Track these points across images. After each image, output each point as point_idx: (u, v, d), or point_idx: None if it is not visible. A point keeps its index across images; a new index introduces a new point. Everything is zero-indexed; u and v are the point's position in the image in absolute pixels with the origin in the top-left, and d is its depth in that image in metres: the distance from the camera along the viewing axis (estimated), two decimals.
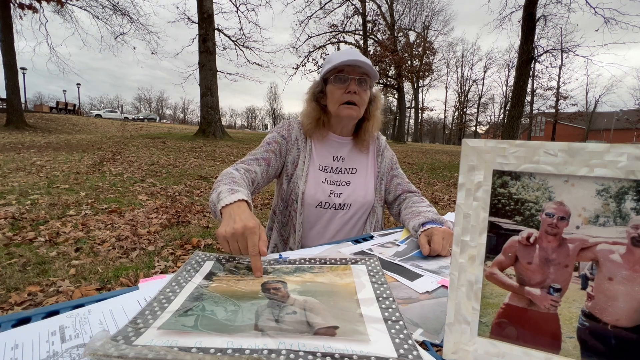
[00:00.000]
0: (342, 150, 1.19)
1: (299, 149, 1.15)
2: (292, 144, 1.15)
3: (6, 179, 4.57)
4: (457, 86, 51.52)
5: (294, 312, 0.53)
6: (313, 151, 1.16)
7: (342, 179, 1.16)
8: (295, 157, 1.15)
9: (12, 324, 0.50)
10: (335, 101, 1.09)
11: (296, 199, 1.11)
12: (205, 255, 0.73)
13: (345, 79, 1.06)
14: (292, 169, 1.14)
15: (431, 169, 9.28)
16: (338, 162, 1.17)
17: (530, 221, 0.42)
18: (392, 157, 1.29)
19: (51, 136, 11.26)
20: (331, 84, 1.09)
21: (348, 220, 1.16)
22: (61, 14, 15.05)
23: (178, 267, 2.33)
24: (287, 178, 1.14)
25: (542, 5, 13.88)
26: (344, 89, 1.07)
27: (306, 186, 1.11)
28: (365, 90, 1.10)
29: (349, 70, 1.07)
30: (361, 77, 1.07)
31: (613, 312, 0.39)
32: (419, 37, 31.27)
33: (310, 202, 1.11)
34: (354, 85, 1.06)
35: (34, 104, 34.46)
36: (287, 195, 1.15)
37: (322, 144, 1.18)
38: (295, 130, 1.17)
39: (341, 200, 1.14)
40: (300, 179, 1.11)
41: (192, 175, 5.87)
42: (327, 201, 1.12)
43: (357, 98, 1.07)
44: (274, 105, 74.23)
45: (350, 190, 1.15)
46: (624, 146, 0.38)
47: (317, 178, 1.13)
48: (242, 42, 16.03)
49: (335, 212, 1.14)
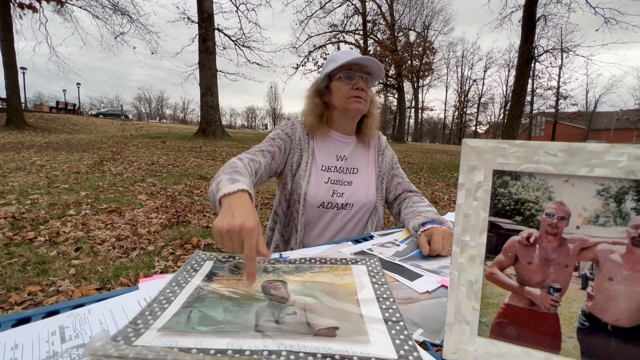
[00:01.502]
0: (345, 149, 1.19)
1: (302, 149, 1.16)
2: (295, 144, 1.16)
3: (6, 179, 4.57)
4: (457, 86, 51.56)
5: (294, 312, 0.53)
6: (315, 151, 1.16)
7: (344, 178, 1.16)
8: (298, 157, 1.15)
9: (12, 324, 0.50)
10: (343, 96, 1.11)
11: (298, 199, 1.11)
12: (205, 255, 0.73)
13: (354, 77, 1.10)
14: (295, 169, 1.14)
15: (431, 168, 9.27)
16: (341, 161, 1.18)
17: (530, 221, 0.42)
18: (393, 156, 1.29)
19: (51, 136, 11.26)
20: (338, 81, 1.12)
21: (350, 220, 1.16)
22: (61, 13, 15.04)
23: (178, 267, 2.33)
24: (291, 178, 1.14)
25: (542, 5, 13.88)
26: (351, 85, 1.10)
27: (309, 186, 1.11)
28: (370, 88, 1.14)
29: (356, 68, 1.10)
30: (367, 75, 1.11)
31: (613, 312, 0.39)
32: (419, 37, 31.25)
33: (312, 202, 1.11)
34: (361, 82, 1.10)
35: (34, 104, 34.44)
36: (289, 196, 1.15)
37: (325, 143, 1.18)
38: (298, 131, 1.18)
39: (344, 200, 1.14)
40: (302, 179, 1.12)
41: (192, 175, 5.87)
42: (329, 201, 1.13)
43: (363, 94, 1.11)
44: (274, 105, 74.28)
45: (352, 190, 1.15)
46: (624, 146, 0.38)
47: (320, 178, 1.13)
48: (242, 42, 16.02)
49: (338, 212, 1.14)
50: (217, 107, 12.91)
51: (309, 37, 23.40)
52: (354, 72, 1.10)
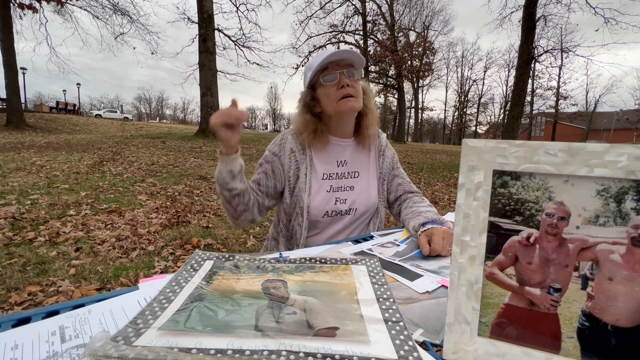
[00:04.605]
0: (344, 153, 1.16)
1: (298, 161, 1.11)
2: (285, 158, 1.11)
3: (6, 179, 4.57)
4: (457, 86, 51.50)
5: (294, 312, 0.53)
6: (314, 161, 1.12)
7: (346, 184, 1.13)
8: (295, 170, 1.10)
9: (12, 324, 0.50)
10: (332, 101, 1.05)
11: (301, 212, 1.08)
12: (205, 255, 0.73)
13: (334, 76, 1.03)
14: (293, 182, 1.10)
15: (431, 169, 9.27)
16: (341, 166, 1.14)
17: (530, 221, 0.42)
18: (393, 156, 1.27)
19: (51, 136, 11.25)
20: (321, 87, 1.06)
21: (352, 223, 1.15)
22: (61, 14, 15.03)
23: (178, 267, 2.33)
24: (290, 192, 1.11)
25: (542, 5, 13.86)
26: (335, 85, 1.03)
27: (311, 199, 1.08)
28: (356, 80, 1.07)
29: (334, 66, 1.04)
30: (347, 69, 1.04)
31: (613, 312, 0.39)
32: (419, 37, 31.27)
33: (316, 213, 1.09)
34: (344, 78, 1.03)
35: (34, 104, 34.40)
36: (291, 209, 1.12)
37: (324, 150, 1.14)
38: (289, 142, 1.12)
39: (347, 206, 1.12)
40: (304, 192, 1.08)
41: (192, 175, 5.87)
42: (333, 209, 1.11)
43: (352, 90, 1.03)
44: (274, 106, 74.29)
45: (355, 195, 1.13)
46: (624, 146, 0.38)
47: (322, 188, 1.10)
48: (242, 42, 16.01)
49: (341, 218, 1.13)
50: (217, 108, 12.89)
51: (309, 38, 23.42)
52: (332, 71, 1.03)
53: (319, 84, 1.06)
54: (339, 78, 1.03)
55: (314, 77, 1.07)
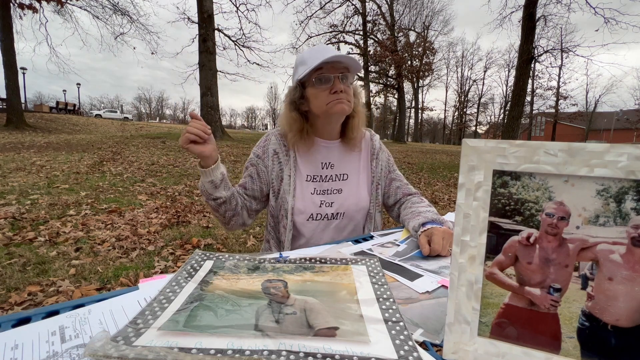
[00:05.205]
0: (330, 155, 1.12)
1: (281, 162, 1.09)
2: (269, 159, 1.09)
3: (6, 179, 4.57)
4: (457, 86, 51.46)
5: (294, 312, 0.53)
6: (298, 162, 1.10)
7: (332, 186, 1.11)
8: (278, 171, 1.09)
9: (12, 324, 0.50)
10: (321, 103, 1.01)
11: (286, 215, 1.07)
12: (205, 255, 0.73)
13: (328, 79, 0.99)
14: (277, 184, 1.09)
15: (431, 169, 9.27)
16: (327, 169, 1.12)
17: (530, 221, 0.42)
18: (389, 158, 1.23)
19: (51, 136, 11.25)
20: (312, 87, 1.01)
21: (344, 228, 1.13)
22: (61, 14, 15.03)
23: (178, 267, 2.33)
24: (274, 194, 1.10)
25: (542, 5, 13.86)
26: (328, 89, 0.99)
27: (295, 201, 1.06)
28: (349, 86, 1.03)
29: (329, 68, 0.99)
30: (343, 73, 1.00)
31: (613, 312, 0.39)
32: (419, 37, 31.29)
33: (300, 216, 1.07)
34: (338, 84, 0.99)
35: (34, 104, 34.42)
36: (276, 212, 1.11)
37: (308, 151, 1.11)
38: (272, 144, 1.10)
39: (333, 209, 1.10)
40: (288, 194, 1.07)
41: (192, 175, 5.87)
42: (318, 212, 1.08)
43: (344, 96, 1.00)
44: (274, 105, 74.25)
45: (342, 199, 1.11)
46: (624, 146, 0.38)
47: (306, 190, 1.08)
48: (242, 42, 16.01)
49: (329, 222, 1.11)
50: (217, 108, 12.90)
51: (309, 38, 23.42)
52: (327, 72, 0.99)
53: (311, 84, 1.02)
54: (333, 82, 0.99)
55: (307, 75, 1.01)
